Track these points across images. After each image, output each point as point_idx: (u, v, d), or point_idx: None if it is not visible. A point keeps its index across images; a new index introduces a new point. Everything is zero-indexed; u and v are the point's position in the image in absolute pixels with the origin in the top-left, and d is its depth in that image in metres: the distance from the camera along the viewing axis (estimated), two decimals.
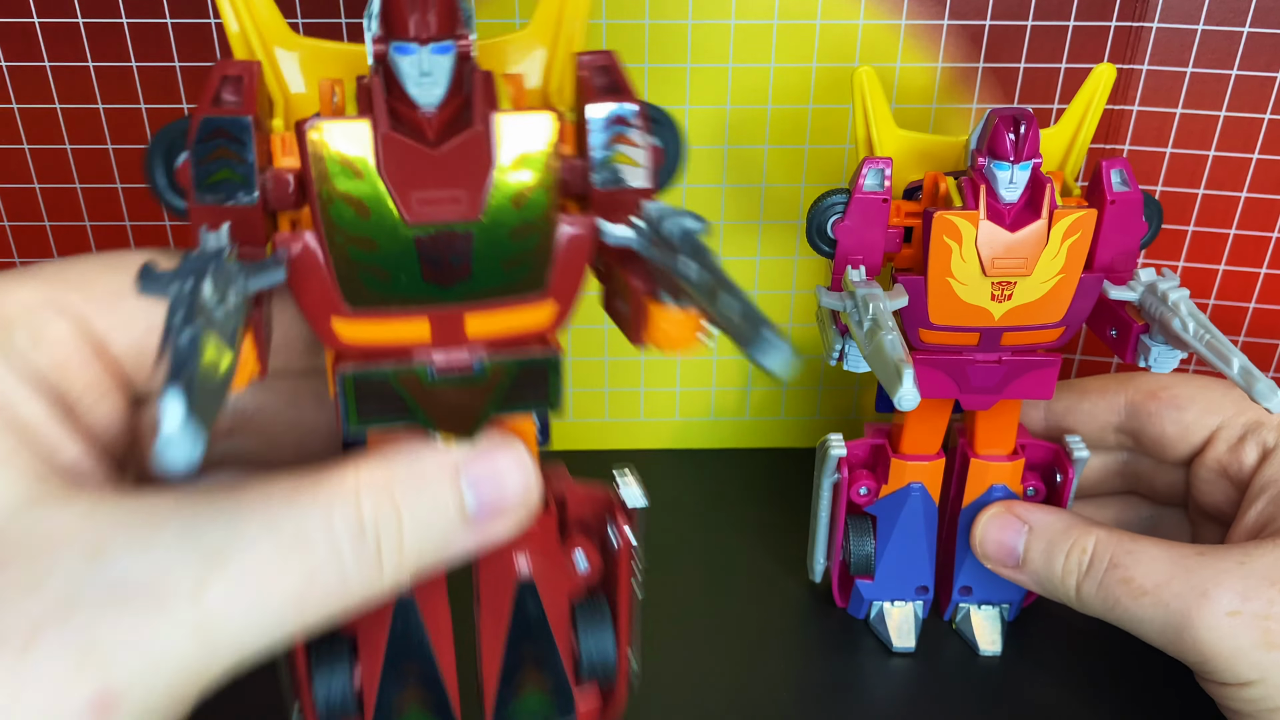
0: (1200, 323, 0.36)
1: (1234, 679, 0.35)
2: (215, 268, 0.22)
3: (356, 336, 0.26)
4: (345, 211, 0.24)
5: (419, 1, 0.24)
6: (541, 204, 0.25)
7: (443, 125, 0.25)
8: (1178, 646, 0.36)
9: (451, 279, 0.25)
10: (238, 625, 0.22)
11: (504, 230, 0.25)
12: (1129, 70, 0.47)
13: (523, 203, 0.25)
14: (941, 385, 0.40)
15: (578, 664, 0.33)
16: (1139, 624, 0.37)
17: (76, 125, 0.47)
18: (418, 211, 0.24)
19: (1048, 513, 0.41)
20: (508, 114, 0.25)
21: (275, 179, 0.25)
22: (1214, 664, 0.36)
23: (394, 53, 0.24)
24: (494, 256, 0.25)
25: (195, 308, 0.20)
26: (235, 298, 0.22)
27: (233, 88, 0.25)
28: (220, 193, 0.24)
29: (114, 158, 0.48)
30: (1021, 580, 0.41)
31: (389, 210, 0.24)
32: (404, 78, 0.24)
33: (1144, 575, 0.37)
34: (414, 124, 0.25)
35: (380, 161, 0.24)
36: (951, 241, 0.37)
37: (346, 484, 0.25)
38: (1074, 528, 0.39)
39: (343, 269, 0.25)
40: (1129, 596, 0.37)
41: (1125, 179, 0.37)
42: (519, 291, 0.26)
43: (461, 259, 0.25)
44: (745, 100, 0.48)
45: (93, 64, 0.46)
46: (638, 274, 0.26)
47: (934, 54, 0.47)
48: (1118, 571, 0.37)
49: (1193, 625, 0.35)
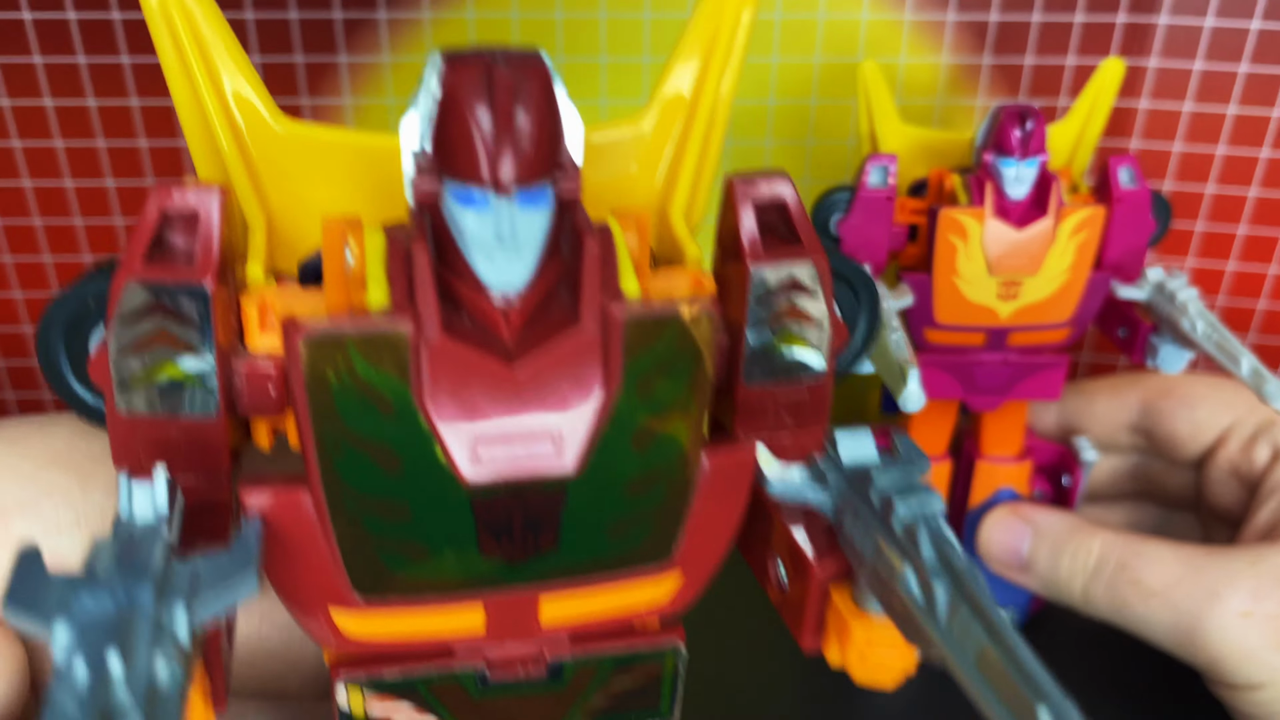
0: (1209, 323, 0.35)
1: (1245, 681, 0.35)
2: (139, 590, 0.13)
3: (369, 633, 0.17)
4: (363, 464, 0.16)
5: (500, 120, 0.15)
6: (678, 443, 0.16)
7: (526, 320, 0.16)
8: (1188, 649, 0.36)
9: (525, 554, 0.17)
10: None
11: (615, 485, 0.17)
12: (1136, 66, 0.47)
13: (649, 442, 0.16)
14: (947, 386, 0.40)
15: None
16: (1148, 626, 0.36)
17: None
18: (482, 465, 0.16)
19: (1052, 514, 0.40)
20: (637, 310, 0.16)
21: (249, 377, 0.17)
22: (1225, 666, 0.35)
23: (453, 199, 0.16)
24: (595, 521, 0.17)
25: (102, 678, 0.12)
26: (174, 656, 0.13)
27: (183, 229, 0.17)
28: (161, 399, 0.16)
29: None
30: (1027, 583, 0.40)
31: (435, 461, 0.16)
32: (469, 243, 0.16)
33: (1153, 576, 0.36)
34: (481, 318, 0.16)
35: (425, 387, 0.15)
36: (957, 239, 0.36)
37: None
38: (1079, 529, 0.39)
39: (354, 544, 0.16)
40: (1138, 598, 0.36)
41: (1133, 176, 0.37)
42: (629, 564, 0.18)
43: (544, 527, 0.17)
44: (747, 95, 0.48)
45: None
46: (819, 541, 0.18)
47: (938, 49, 0.47)
48: (1126, 573, 0.37)
49: (1203, 627, 0.35)
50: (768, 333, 0.18)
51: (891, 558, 0.16)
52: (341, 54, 0.46)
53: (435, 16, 0.45)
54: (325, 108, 0.47)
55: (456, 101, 0.15)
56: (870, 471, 0.17)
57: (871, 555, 0.16)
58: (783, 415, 0.18)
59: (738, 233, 0.18)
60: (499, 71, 0.15)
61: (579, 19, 0.45)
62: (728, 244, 0.19)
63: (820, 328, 0.18)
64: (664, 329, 0.16)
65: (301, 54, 0.45)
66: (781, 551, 0.19)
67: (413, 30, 0.45)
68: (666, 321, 0.16)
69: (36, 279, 0.50)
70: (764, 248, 0.18)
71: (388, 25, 0.45)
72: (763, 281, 0.17)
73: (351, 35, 0.45)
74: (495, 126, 0.15)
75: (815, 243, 0.18)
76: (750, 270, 0.17)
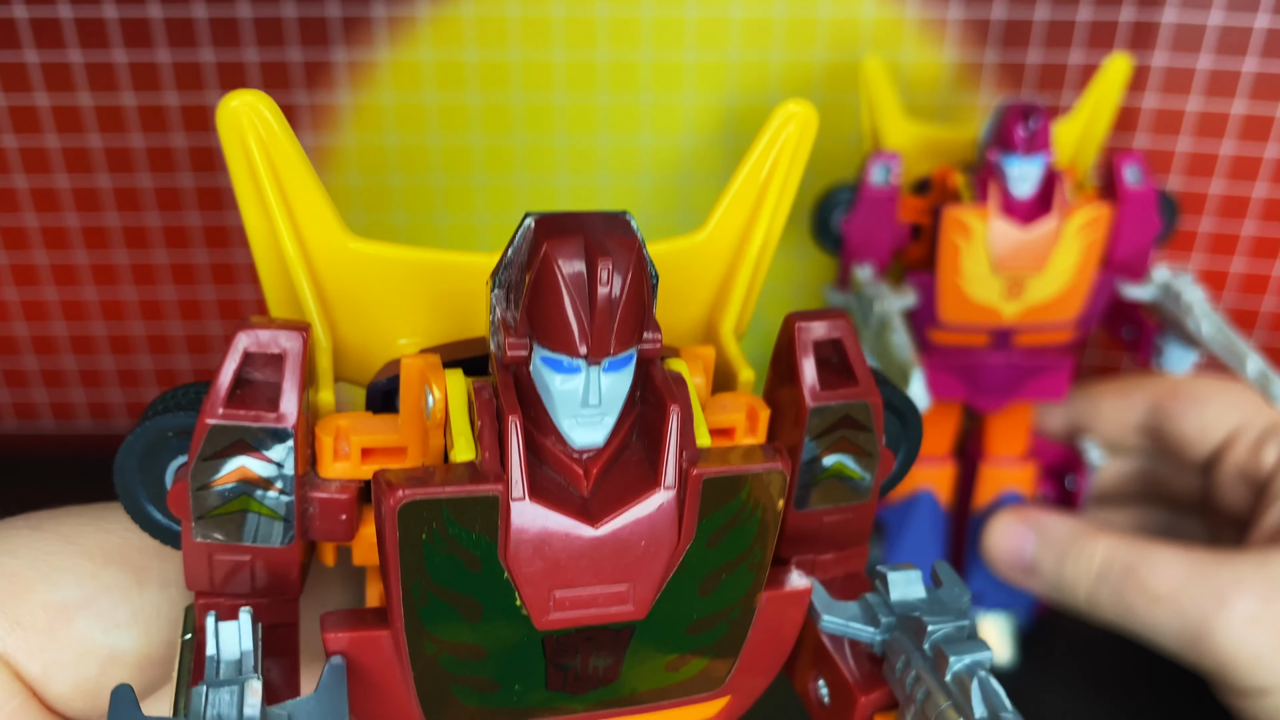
0: (1216, 323, 0.35)
1: (1253, 686, 0.35)
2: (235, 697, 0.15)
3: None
4: (445, 612, 0.16)
5: (597, 301, 0.16)
6: (742, 586, 0.17)
7: (603, 470, 0.17)
8: (1195, 654, 0.35)
9: (588, 687, 0.18)
10: None
11: (679, 625, 0.18)
12: (1142, 62, 0.46)
13: (714, 587, 0.17)
14: (951, 387, 0.39)
15: None
16: (1154, 631, 0.36)
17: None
18: (557, 612, 0.17)
19: (1057, 518, 0.40)
20: (714, 470, 0.17)
21: (323, 505, 0.17)
22: (1233, 671, 0.35)
23: (542, 363, 0.16)
24: (656, 656, 0.18)
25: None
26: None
27: (266, 365, 0.17)
28: (238, 531, 0.17)
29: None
30: (1032, 587, 0.40)
31: (514, 611, 0.17)
32: (555, 404, 0.17)
33: (1159, 581, 0.36)
34: (561, 470, 0.17)
35: (509, 544, 0.16)
36: (961, 238, 0.36)
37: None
38: (1083, 533, 0.38)
39: (430, 680, 0.17)
40: (1144, 603, 0.36)
41: (1140, 174, 0.36)
42: (684, 694, 0.19)
43: (608, 662, 0.18)
44: (748, 93, 0.47)
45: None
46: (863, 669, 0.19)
47: (942, 45, 0.46)
48: (1132, 577, 0.36)
49: (1211, 632, 0.34)
50: (819, 464, 0.19)
51: (940, 702, 0.17)
52: (339, 51, 0.45)
53: (433, 14, 0.45)
54: (322, 105, 0.46)
55: (552, 275, 0.16)
56: (922, 618, 0.18)
57: (921, 698, 0.18)
58: (828, 537, 0.20)
59: (798, 371, 0.19)
60: (594, 247, 0.16)
61: (578, 17, 0.45)
62: (784, 373, 0.20)
63: (870, 457, 0.19)
64: (739, 488, 0.17)
65: (299, 51, 0.45)
66: (825, 674, 0.20)
67: (410, 27, 0.45)
68: (742, 481, 0.17)
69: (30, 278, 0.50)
70: (821, 385, 0.19)
71: (385, 22, 0.45)
72: (820, 419, 0.18)
73: (349, 32, 0.45)
74: (593, 307, 0.16)
75: (870, 382, 0.19)
76: (810, 408, 0.18)
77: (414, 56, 0.46)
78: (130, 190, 0.48)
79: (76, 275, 0.50)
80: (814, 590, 0.19)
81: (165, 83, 0.45)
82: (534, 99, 0.47)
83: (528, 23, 0.45)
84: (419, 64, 0.46)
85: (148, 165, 0.47)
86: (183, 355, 0.52)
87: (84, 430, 0.54)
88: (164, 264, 0.49)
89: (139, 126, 0.46)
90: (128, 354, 0.52)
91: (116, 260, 0.49)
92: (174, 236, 0.49)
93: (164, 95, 0.46)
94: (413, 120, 0.46)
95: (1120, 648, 0.38)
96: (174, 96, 0.46)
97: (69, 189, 0.48)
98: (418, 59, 0.46)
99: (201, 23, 0.44)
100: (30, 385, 0.52)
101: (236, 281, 0.49)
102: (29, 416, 0.54)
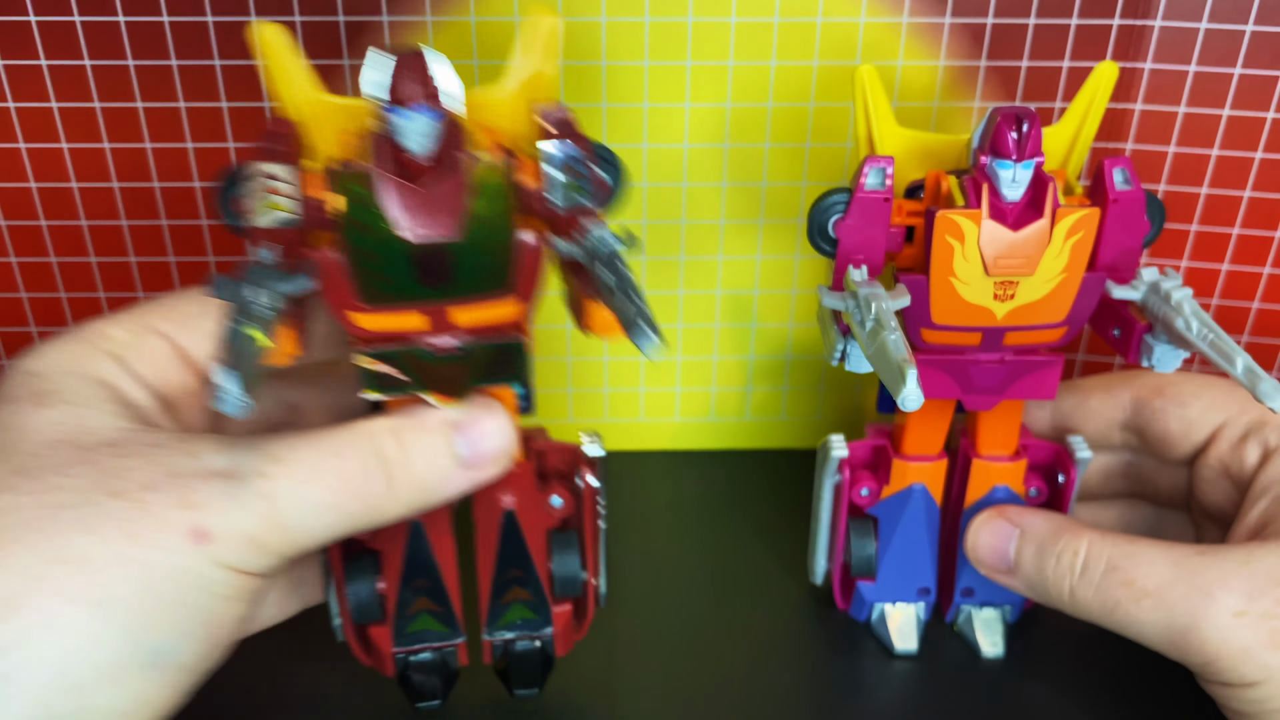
0: (1204, 322, 0.35)
1: (1239, 680, 0.35)
2: (261, 277, 0.30)
3: (371, 325, 0.33)
4: (360, 237, 0.31)
5: (411, 81, 0.30)
6: (504, 226, 0.32)
7: (432, 170, 0.31)
8: (1181, 649, 0.36)
9: (438, 282, 0.32)
10: (292, 508, 0.30)
11: (477, 248, 0.31)
12: (1132, 68, 0.47)
13: (490, 226, 0.31)
14: (943, 385, 0.40)
15: (553, 583, 0.39)
16: (1140, 627, 0.37)
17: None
18: (415, 235, 0.31)
19: (1039, 515, 0.40)
20: (482, 161, 0.31)
21: (311, 206, 0.31)
22: (1220, 665, 0.35)
23: (394, 114, 0.31)
24: (470, 266, 0.32)
25: (243, 308, 0.29)
26: (272, 299, 0.30)
27: (280, 139, 0.32)
28: (274, 219, 0.31)
29: (160, 195, 0.48)
30: (1015, 586, 0.41)
31: (393, 235, 0.31)
32: (402, 132, 0.31)
33: (1144, 577, 0.36)
34: (409, 168, 0.31)
35: (386, 202, 0.31)
36: (954, 240, 0.36)
37: (371, 427, 0.33)
38: (1064, 531, 0.39)
39: (360, 278, 0.32)
40: (1130, 599, 0.36)
41: (1128, 178, 0.37)
42: (490, 291, 0.33)
43: (445, 267, 0.31)
44: (746, 98, 0.48)
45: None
46: (581, 278, 0.33)
47: (936, 52, 0.47)
48: (1117, 574, 0.37)
49: (1198, 626, 0.35)
50: (561, 183, 0.32)
51: (593, 264, 0.32)
52: (344, 56, 0.46)
53: (437, 19, 0.45)
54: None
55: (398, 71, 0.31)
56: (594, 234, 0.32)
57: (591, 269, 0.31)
58: (567, 224, 0.33)
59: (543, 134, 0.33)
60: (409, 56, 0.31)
61: (580, 23, 0.46)
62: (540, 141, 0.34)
63: (588, 180, 0.32)
64: (493, 169, 0.31)
65: (305, 57, 0.46)
66: (572, 289, 0.34)
67: (415, 33, 0.46)
68: (494, 166, 0.31)
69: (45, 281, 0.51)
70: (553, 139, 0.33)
71: (389, 27, 0.46)
72: (554, 155, 0.32)
73: (354, 38, 0.46)
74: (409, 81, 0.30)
75: (584, 138, 0.33)
76: (542, 149, 0.32)
77: None
78: (144, 192, 0.49)
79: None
80: (551, 237, 0.33)
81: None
82: None
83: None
84: None
85: (157, 174, 0.48)
86: None
87: None
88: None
89: (149, 138, 0.47)
90: None
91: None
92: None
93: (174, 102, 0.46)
94: None
95: (1108, 641, 0.39)
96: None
97: (79, 190, 0.49)
98: None
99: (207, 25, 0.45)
100: None
101: None
102: None
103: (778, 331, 0.54)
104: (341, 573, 0.38)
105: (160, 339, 0.34)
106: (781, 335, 0.54)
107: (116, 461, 0.29)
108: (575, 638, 0.41)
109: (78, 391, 0.31)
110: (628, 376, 0.55)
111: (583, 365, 0.54)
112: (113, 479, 0.29)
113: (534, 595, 0.39)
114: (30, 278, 0.51)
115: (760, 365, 0.55)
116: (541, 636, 0.40)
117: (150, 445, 0.30)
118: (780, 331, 0.54)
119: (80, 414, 0.31)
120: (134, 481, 0.29)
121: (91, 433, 0.30)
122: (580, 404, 0.55)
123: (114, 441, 0.30)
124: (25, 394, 0.31)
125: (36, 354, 0.33)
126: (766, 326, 0.54)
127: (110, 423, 0.31)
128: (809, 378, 0.56)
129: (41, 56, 0.45)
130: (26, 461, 0.29)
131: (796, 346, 0.55)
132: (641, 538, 0.51)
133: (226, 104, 0.47)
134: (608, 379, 0.55)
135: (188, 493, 0.29)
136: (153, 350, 0.34)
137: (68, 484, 0.28)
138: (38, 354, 0.33)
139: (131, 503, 0.28)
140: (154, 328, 0.34)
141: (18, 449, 0.30)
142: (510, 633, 0.40)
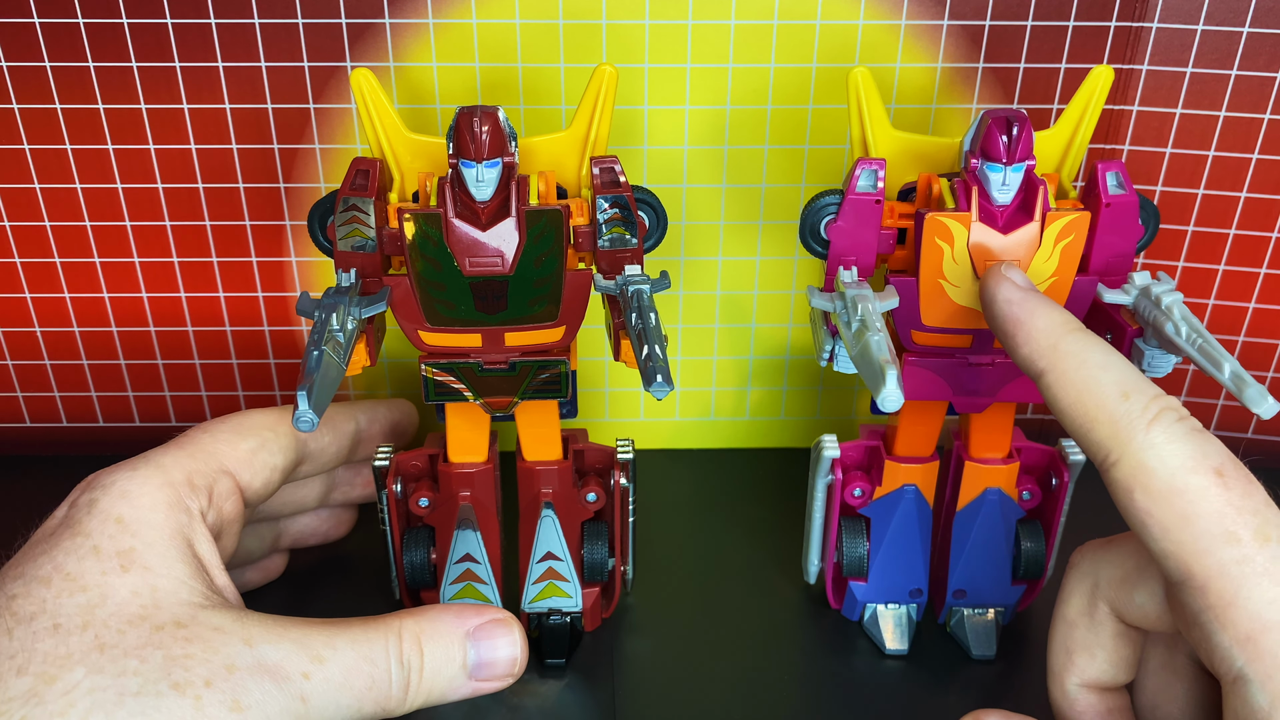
0: (1193, 327, 0.35)
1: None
2: (342, 301, 0.35)
3: (434, 342, 0.39)
4: (428, 269, 0.37)
5: (476, 133, 0.35)
6: (554, 264, 0.37)
7: (491, 213, 0.36)
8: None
9: (493, 310, 0.38)
10: (324, 703, 0.33)
11: (529, 281, 0.37)
12: (1128, 70, 0.47)
13: (540, 263, 0.37)
14: (934, 387, 0.40)
15: (584, 567, 0.44)
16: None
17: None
18: (473, 268, 0.37)
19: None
20: (532, 208, 0.36)
21: (390, 236, 0.37)
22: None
23: (460, 164, 0.36)
24: (521, 297, 0.38)
25: (324, 332, 0.34)
26: (351, 323, 0.35)
27: (363, 176, 0.37)
28: (354, 244, 0.37)
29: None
30: None
31: (455, 267, 0.37)
32: (466, 180, 0.36)
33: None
34: (472, 210, 0.36)
35: (450, 238, 0.36)
36: (943, 243, 0.37)
37: (399, 628, 0.35)
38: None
39: (426, 302, 0.38)
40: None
41: (1121, 182, 0.37)
42: (539, 319, 0.38)
43: (500, 297, 0.37)
44: (745, 100, 0.48)
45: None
46: (617, 311, 0.37)
47: (934, 54, 0.47)
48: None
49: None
50: (607, 226, 0.38)
51: (626, 305, 0.36)
52: (347, 59, 0.46)
53: (439, 22, 0.46)
54: (331, 111, 0.48)
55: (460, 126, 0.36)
56: (628, 278, 0.37)
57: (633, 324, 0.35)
58: (611, 260, 0.38)
59: (594, 180, 0.39)
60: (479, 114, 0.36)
61: (581, 25, 0.46)
62: (592, 186, 0.39)
63: (631, 224, 0.38)
64: (542, 214, 0.36)
65: (307, 59, 0.46)
66: (610, 320, 0.39)
67: (417, 35, 0.46)
68: (539, 214, 0.36)
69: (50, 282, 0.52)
70: (603, 187, 0.38)
71: (391, 30, 0.46)
72: (602, 200, 0.37)
73: (356, 40, 0.46)
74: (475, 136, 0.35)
75: (627, 186, 0.38)
76: (598, 197, 0.38)
77: (421, 63, 0.47)
78: (149, 193, 0.49)
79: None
80: (594, 274, 0.38)
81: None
82: (537, 108, 0.48)
83: (531, 30, 0.46)
84: (425, 70, 0.47)
85: (161, 177, 0.48)
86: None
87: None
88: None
89: (152, 139, 0.48)
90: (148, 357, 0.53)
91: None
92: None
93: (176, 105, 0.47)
94: (417, 126, 0.48)
95: None
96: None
97: (82, 190, 0.49)
98: (424, 66, 0.47)
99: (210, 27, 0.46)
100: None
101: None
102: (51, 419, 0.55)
103: (777, 332, 0.54)
104: (400, 543, 0.43)
105: (226, 477, 0.38)
106: (780, 336, 0.54)
107: (182, 649, 0.32)
108: (603, 616, 0.46)
109: (158, 555, 0.34)
110: (628, 376, 0.55)
111: (584, 365, 0.54)
112: (177, 668, 0.31)
113: (567, 577, 0.44)
114: (31, 277, 0.51)
115: (759, 365, 0.55)
116: (572, 613, 0.44)
117: (213, 630, 0.32)
118: (779, 332, 0.54)
119: (156, 583, 0.33)
120: (196, 674, 0.31)
121: (164, 609, 0.33)
122: (582, 404, 0.56)
123: (182, 622, 0.33)
124: (111, 549, 0.34)
125: (121, 495, 0.35)
126: (765, 327, 0.54)
127: (183, 595, 0.34)
128: (808, 378, 0.56)
129: (45, 58, 0.46)
130: (107, 637, 0.31)
131: (795, 347, 0.55)
132: (640, 535, 0.51)
133: (229, 105, 0.47)
134: (608, 379, 0.55)
135: (240, 694, 0.31)
136: (220, 493, 0.38)
137: (138, 668, 0.31)
138: (122, 496, 0.35)
139: (189, 700, 0.31)
140: (224, 468, 0.38)
141: (102, 620, 0.32)
142: (544, 606, 0.44)
